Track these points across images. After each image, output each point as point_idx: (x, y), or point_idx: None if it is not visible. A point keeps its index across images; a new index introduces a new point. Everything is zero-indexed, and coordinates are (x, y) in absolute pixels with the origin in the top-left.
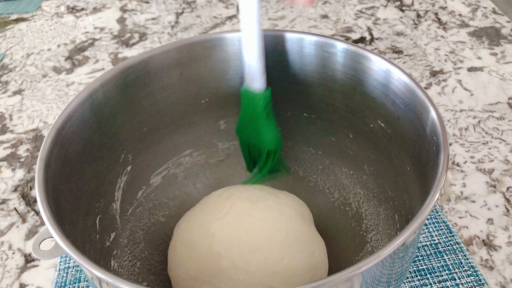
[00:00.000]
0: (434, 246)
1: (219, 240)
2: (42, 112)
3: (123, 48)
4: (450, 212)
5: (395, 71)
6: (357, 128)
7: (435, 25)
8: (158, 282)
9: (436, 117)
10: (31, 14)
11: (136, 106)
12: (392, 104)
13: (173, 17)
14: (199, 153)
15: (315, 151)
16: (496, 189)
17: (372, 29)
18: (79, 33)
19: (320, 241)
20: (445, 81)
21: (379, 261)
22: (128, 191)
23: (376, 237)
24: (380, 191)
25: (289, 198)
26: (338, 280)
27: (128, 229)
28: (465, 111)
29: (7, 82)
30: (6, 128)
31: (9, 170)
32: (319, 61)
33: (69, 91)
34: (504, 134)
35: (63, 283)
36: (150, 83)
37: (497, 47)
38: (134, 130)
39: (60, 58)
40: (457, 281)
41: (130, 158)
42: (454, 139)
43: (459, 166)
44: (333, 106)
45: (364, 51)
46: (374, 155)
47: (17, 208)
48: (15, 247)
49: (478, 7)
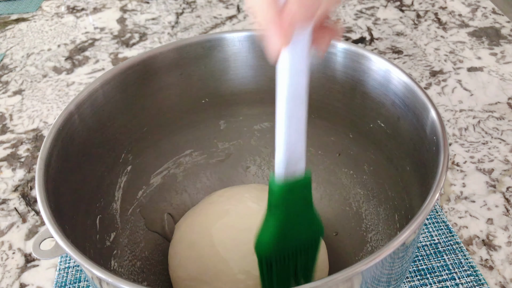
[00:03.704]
0: (434, 246)
1: (219, 240)
2: (42, 112)
3: (123, 48)
4: (450, 212)
5: (395, 71)
6: (357, 128)
7: (435, 25)
8: (158, 282)
9: (436, 117)
10: (31, 14)
11: (136, 106)
12: (392, 104)
13: (173, 17)
14: (199, 153)
15: (315, 151)
16: (496, 189)
17: (372, 29)
18: (79, 33)
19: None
20: (445, 81)
21: (379, 261)
22: (128, 191)
23: (376, 237)
24: (380, 191)
25: None
26: (338, 280)
27: (128, 229)
28: (465, 111)
29: (7, 82)
30: (6, 128)
31: (9, 170)
32: (319, 61)
33: (69, 91)
34: (504, 134)
35: (63, 283)
36: (150, 83)
37: (497, 47)
38: (134, 130)
39: (60, 58)
40: (457, 281)
41: (130, 158)
42: (454, 139)
43: (459, 166)
44: (333, 106)
45: (364, 51)
46: (374, 155)
47: (17, 208)
48: (15, 247)
49: (478, 7)
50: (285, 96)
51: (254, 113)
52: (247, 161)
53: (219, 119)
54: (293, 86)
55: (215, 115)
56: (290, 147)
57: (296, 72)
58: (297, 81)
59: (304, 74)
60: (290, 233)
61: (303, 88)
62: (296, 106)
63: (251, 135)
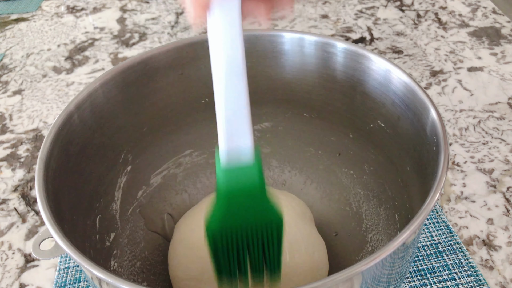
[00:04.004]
0: (434, 246)
1: None
2: (42, 112)
3: (123, 48)
4: (450, 212)
5: (395, 71)
6: (357, 128)
7: (435, 25)
8: (158, 282)
9: (436, 117)
10: (31, 14)
11: (136, 106)
12: (392, 104)
13: (173, 17)
14: (199, 153)
15: (315, 151)
16: (496, 189)
17: (372, 29)
18: (79, 33)
19: (320, 241)
20: (445, 81)
21: (379, 261)
22: (128, 191)
23: (376, 237)
24: (380, 191)
25: (289, 198)
26: (338, 280)
27: (128, 229)
28: (465, 111)
29: (7, 82)
30: (6, 128)
31: (9, 170)
32: (319, 61)
33: (69, 91)
34: (504, 134)
35: (63, 283)
36: (150, 83)
37: (497, 47)
38: (134, 130)
39: (60, 58)
40: (457, 281)
41: (130, 158)
42: (454, 139)
43: (459, 166)
44: (333, 106)
45: (364, 51)
46: (374, 155)
47: (17, 208)
48: (15, 247)
49: (478, 7)
50: (218, 63)
51: (254, 113)
52: None
53: None
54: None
55: (215, 115)
56: (230, 118)
57: (228, 43)
58: (230, 53)
59: (237, 45)
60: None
61: (238, 59)
62: (233, 80)
63: None
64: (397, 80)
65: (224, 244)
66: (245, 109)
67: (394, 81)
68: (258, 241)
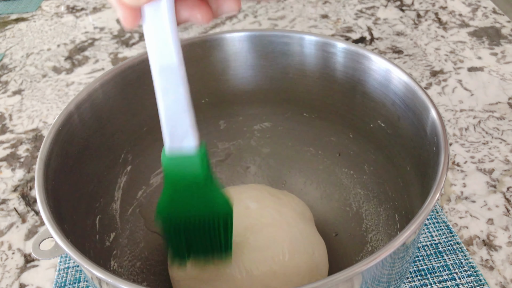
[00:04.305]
0: (434, 246)
1: None
2: (42, 112)
3: (123, 48)
4: (450, 212)
5: (395, 71)
6: (357, 128)
7: (435, 25)
8: (158, 282)
9: (436, 117)
10: (31, 14)
11: (136, 106)
12: (392, 104)
13: None
14: None
15: (315, 151)
16: (496, 189)
17: (372, 29)
18: (79, 33)
19: (320, 241)
20: (445, 81)
21: (379, 261)
22: (128, 191)
23: (376, 237)
24: (380, 191)
25: (289, 198)
26: (338, 280)
27: (128, 229)
28: (465, 111)
29: (7, 82)
30: (6, 128)
31: (9, 170)
32: (319, 61)
33: (69, 91)
34: (504, 134)
35: (63, 283)
36: (150, 83)
37: (497, 47)
38: (134, 130)
39: (60, 58)
40: (457, 281)
41: (130, 158)
42: (454, 139)
43: (459, 166)
44: (333, 106)
45: (364, 51)
46: (374, 155)
47: (17, 208)
48: (15, 247)
49: (478, 7)
50: (155, 67)
51: (254, 113)
52: (247, 161)
53: (219, 119)
54: (162, 56)
55: (215, 115)
56: (171, 120)
57: (162, 48)
58: (165, 61)
59: (171, 51)
60: (182, 205)
61: (173, 65)
62: (169, 77)
63: (251, 135)
64: (397, 80)
65: (172, 226)
66: (186, 113)
67: (394, 81)
68: (204, 229)
